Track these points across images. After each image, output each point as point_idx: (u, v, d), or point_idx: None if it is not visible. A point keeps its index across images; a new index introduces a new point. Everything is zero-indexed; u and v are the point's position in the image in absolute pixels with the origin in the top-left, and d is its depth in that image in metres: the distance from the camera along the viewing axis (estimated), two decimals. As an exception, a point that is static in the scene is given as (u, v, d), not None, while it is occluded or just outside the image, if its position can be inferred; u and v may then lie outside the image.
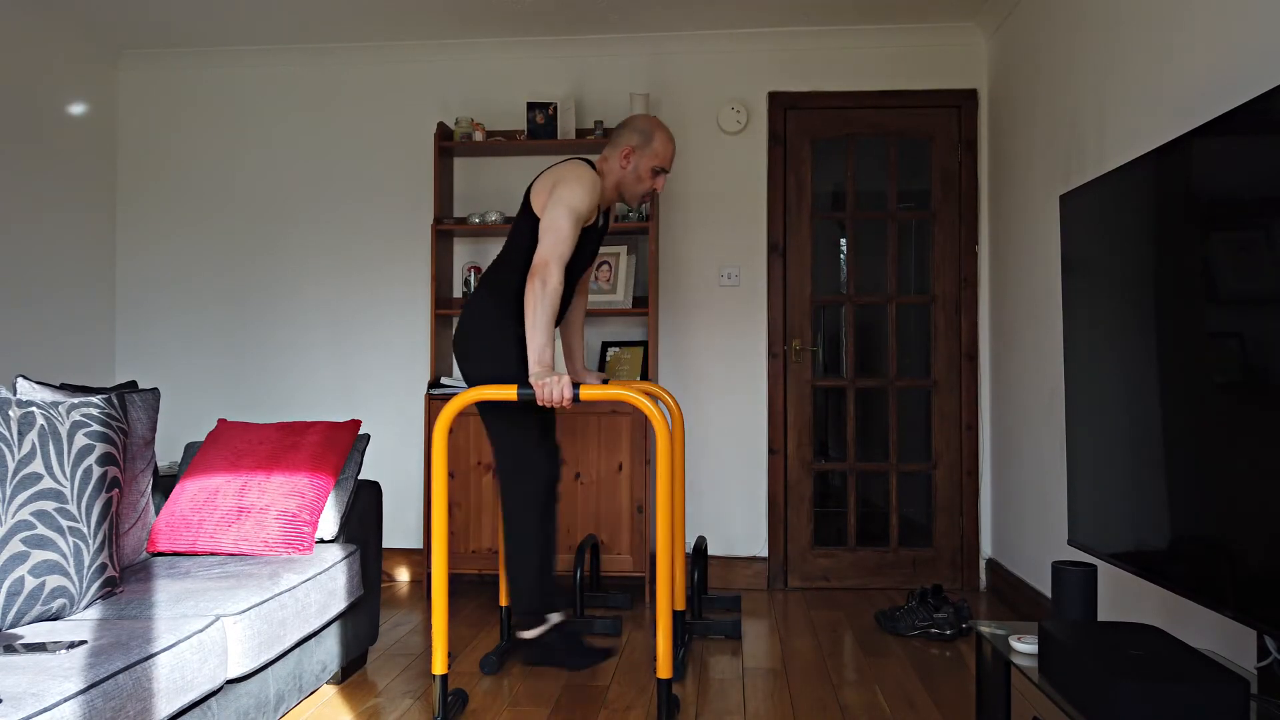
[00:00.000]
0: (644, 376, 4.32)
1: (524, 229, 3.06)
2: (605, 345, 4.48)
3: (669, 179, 3.16)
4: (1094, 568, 2.09)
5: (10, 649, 1.94)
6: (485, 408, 3.08)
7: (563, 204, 2.91)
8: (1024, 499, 3.90)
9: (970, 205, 4.44)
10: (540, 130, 4.39)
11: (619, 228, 4.31)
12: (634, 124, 3.13)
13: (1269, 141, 1.63)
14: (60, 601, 2.22)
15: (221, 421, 3.23)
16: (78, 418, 2.37)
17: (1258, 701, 1.77)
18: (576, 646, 3.17)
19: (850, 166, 4.52)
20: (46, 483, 2.24)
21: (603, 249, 4.42)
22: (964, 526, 4.43)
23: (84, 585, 2.27)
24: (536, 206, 3.01)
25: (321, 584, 2.78)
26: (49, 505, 2.23)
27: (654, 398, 3.46)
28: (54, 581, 2.19)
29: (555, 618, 3.16)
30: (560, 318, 3.24)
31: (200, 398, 4.76)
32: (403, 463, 4.65)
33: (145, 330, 4.79)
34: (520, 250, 3.07)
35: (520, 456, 3.07)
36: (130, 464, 2.79)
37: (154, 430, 2.89)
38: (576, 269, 3.15)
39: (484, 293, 3.12)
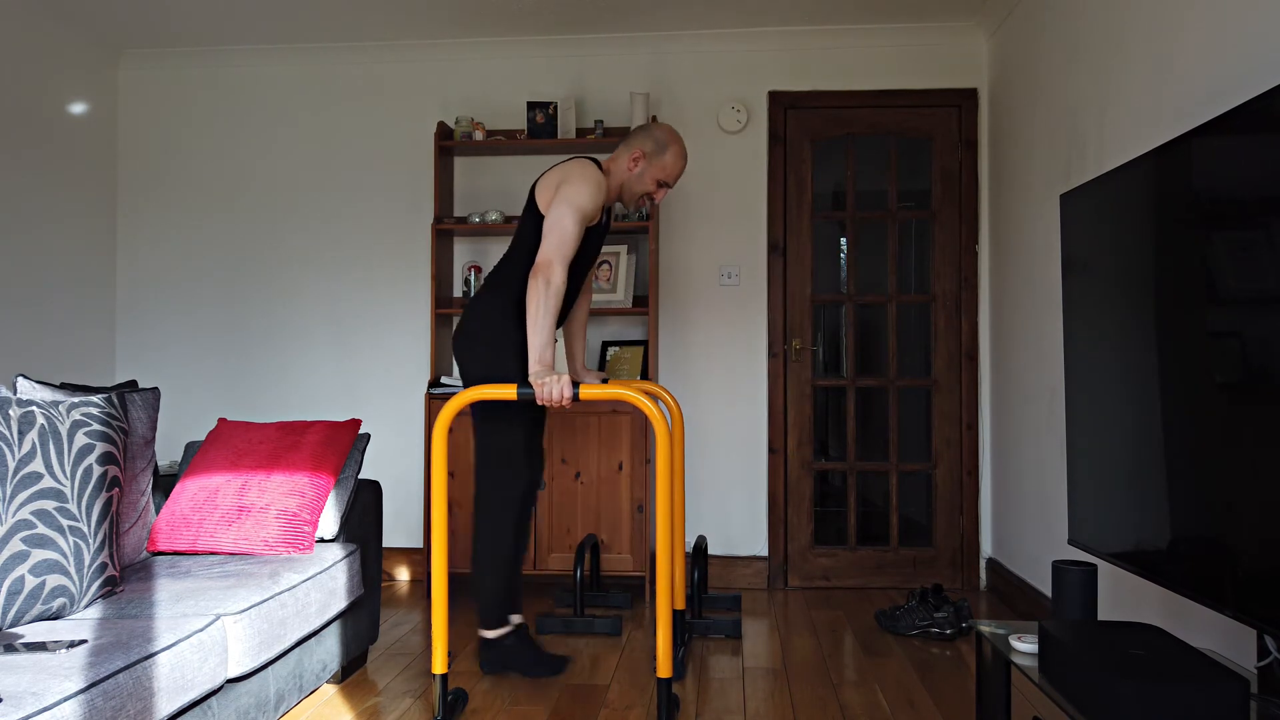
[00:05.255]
0: (644, 376, 4.32)
1: (529, 227, 3.04)
2: (605, 345, 4.48)
3: (669, 190, 3.16)
4: (1094, 567, 2.09)
5: (10, 648, 1.94)
6: (479, 405, 3.07)
7: (568, 203, 2.90)
8: (1024, 499, 3.90)
9: (970, 205, 4.44)
10: (540, 130, 4.39)
11: (619, 227, 4.31)
12: (653, 132, 3.11)
13: (1269, 141, 1.63)
14: (60, 601, 2.22)
15: (222, 421, 3.23)
16: (78, 417, 2.38)
17: (1258, 701, 1.77)
18: (534, 653, 3.14)
19: (850, 166, 4.52)
20: (47, 482, 2.24)
21: (603, 249, 4.42)
22: (964, 526, 4.43)
23: (84, 584, 2.27)
24: (541, 204, 2.99)
25: (322, 583, 2.78)
26: (49, 504, 2.23)
27: (654, 397, 3.46)
28: (54, 581, 2.20)
29: (517, 619, 3.14)
30: (564, 318, 3.23)
31: (200, 397, 4.76)
32: (403, 462, 4.65)
33: (145, 330, 4.79)
34: (525, 249, 3.05)
35: (506, 458, 3.05)
36: (130, 463, 2.79)
37: (154, 429, 2.89)
38: (581, 268, 3.14)
39: (487, 291, 3.10)
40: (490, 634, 3.11)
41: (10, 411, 2.25)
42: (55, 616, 2.22)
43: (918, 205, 4.60)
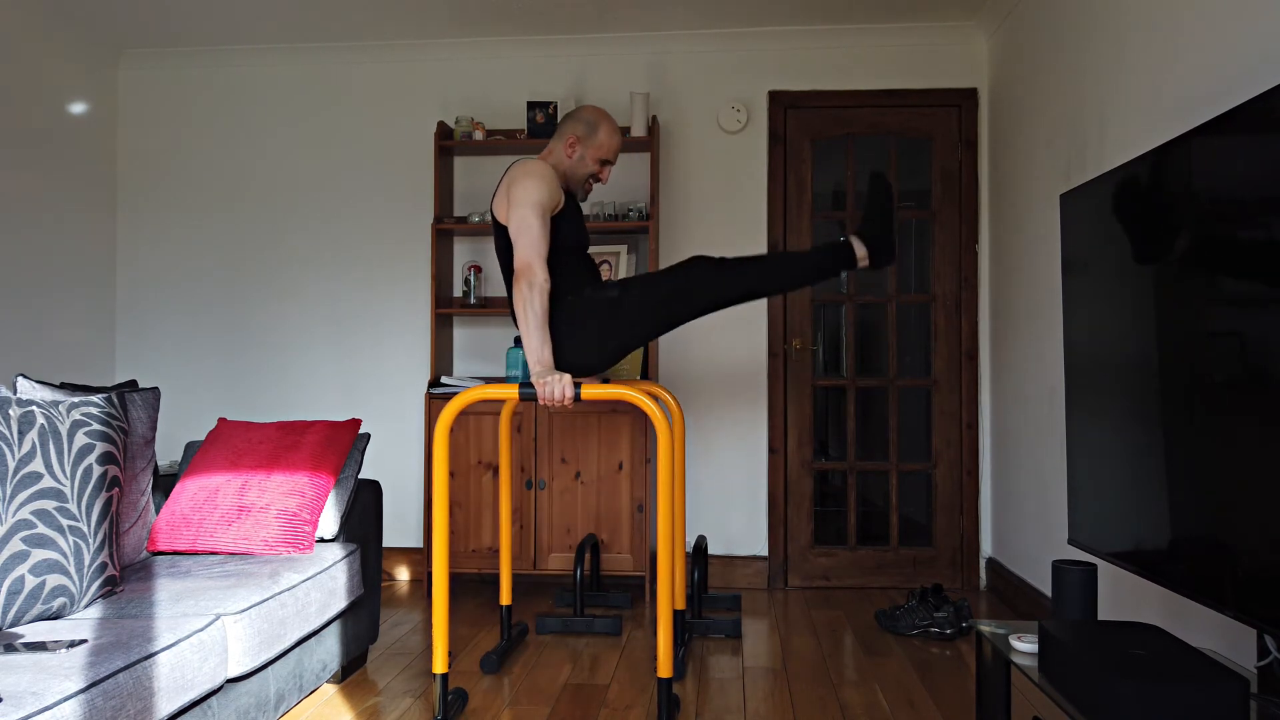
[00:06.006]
0: (644, 376, 4.32)
1: (504, 246, 3.02)
2: (605, 345, 4.47)
3: (613, 168, 3.10)
4: (1094, 567, 2.09)
5: (10, 648, 1.94)
6: (626, 320, 2.95)
7: (523, 204, 2.88)
8: (1024, 498, 3.90)
9: (970, 204, 4.44)
10: (540, 130, 4.39)
11: (619, 227, 4.31)
12: (580, 115, 3.11)
13: (1269, 141, 1.63)
14: (60, 600, 2.22)
15: (222, 421, 3.23)
16: (78, 417, 2.38)
17: (1258, 701, 1.77)
18: (871, 223, 2.95)
19: (850, 166, 4.52)
20: (47, 482, 2.24)
21: (603, 248, 4.42)
22: (964, 526, 4.43)
23: (84, 584, 2.27)
24: (502, 218, 2.98)
25: (322, 583, 2.78)
26: (49, 504, 2.23)
27: (654, 397, 3.46)
28: (54, 580, 2.20)
29: (845, 242, 2.96)
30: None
31: (200, 397, 4.76)
32: (403, 462, 4.65)
33: (145, 330, 4.79)
34: (511, 269, 3.02)
35: (675, 276, 2.93)
36: (130, 463, 2.79)
37: (154, 429, 2.89)
38: (580, 251, 3.08)
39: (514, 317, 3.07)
40: (860, 253, 2.93)
41: (10, 411, 2.25)
42: (55, 616, 2.22)
43: (918, 205, 4.60)
